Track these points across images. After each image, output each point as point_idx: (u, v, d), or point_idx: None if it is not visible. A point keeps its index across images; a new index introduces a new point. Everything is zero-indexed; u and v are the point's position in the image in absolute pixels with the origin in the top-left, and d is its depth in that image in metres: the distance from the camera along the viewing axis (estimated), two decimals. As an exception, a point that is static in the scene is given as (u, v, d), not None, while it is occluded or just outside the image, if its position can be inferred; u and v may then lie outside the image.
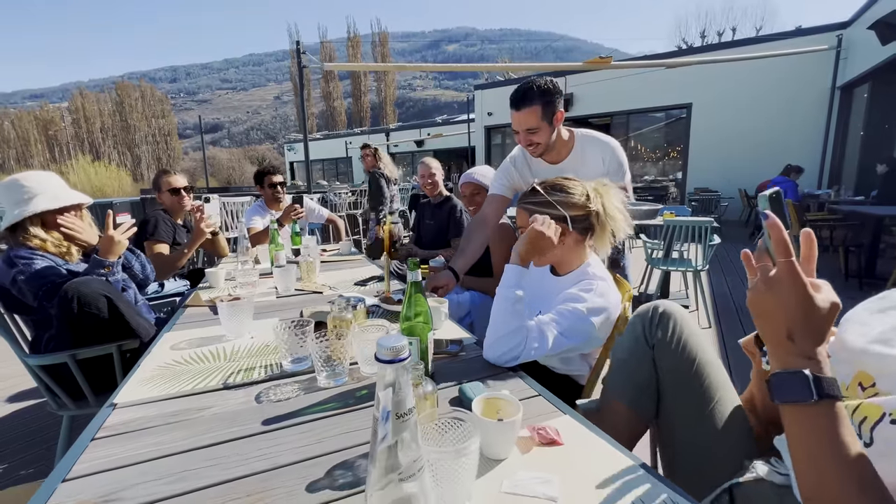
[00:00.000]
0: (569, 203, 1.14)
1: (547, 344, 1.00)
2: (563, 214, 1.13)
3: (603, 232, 1.16)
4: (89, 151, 43.05)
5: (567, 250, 1.18)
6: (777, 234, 0.54)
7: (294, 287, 1.74)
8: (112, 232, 1.55)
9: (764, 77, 9.68)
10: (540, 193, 1.17)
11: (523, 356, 0.98)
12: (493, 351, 1.00)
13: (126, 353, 1.50)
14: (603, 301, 1.08)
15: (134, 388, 0.92)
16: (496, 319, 1.03)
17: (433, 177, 2.80)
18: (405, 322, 0.90)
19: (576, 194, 1.15)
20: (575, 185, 1.18)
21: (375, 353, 0.45)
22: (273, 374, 0.97)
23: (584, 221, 1.16)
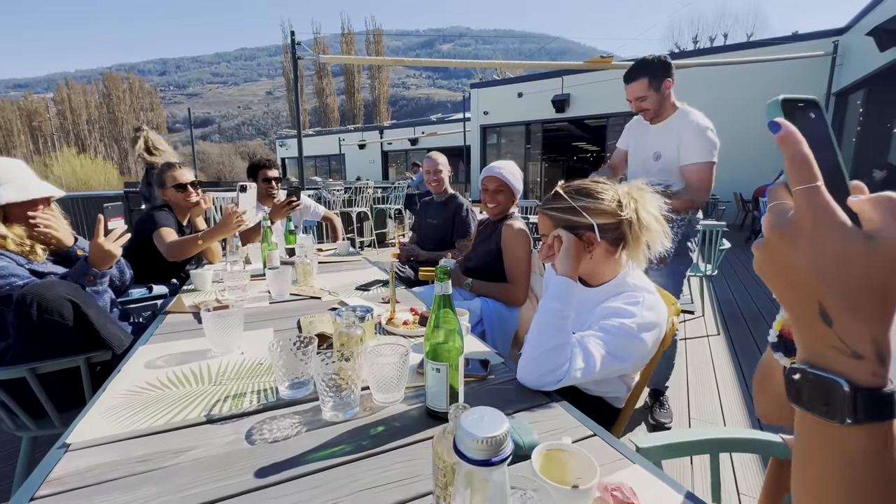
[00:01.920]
0: (597, 210, 0.98)
1: (594, 365, 0.86)
2: (589, 223, 0.98)
3: (637, 244, 0.99)
4: (74, 143, 42.03)
5: (596, 263, 1.02)
6: (792, 148, 0.32)
7: (289, 292, 1.57)
8: (102, 239, 1.35)
9: (760, 82, 9.71)
10: (563, 198, 1.01)
11: (566, 379, 0.83)
12: (531, 372, 0.85)
13: (96, 367, 1.32)
14: (653, 315, 0.93)
15: (95, 422, 0.74)
16: (536, 335, 0.88)
17: (439, 173, 2.64)
18: (431, 342, 0.74)
19: (605, 199, 0.99)
20: (605, 188, 1.02)
21: (457, 443, 0.29)
22: (267, 403, 0.81)
23: (614, 231, 0.99)
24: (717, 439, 0.82)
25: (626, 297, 0.96)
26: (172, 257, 1.94)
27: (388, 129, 21.56)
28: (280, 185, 2.81)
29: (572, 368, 0.84)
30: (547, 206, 1.04)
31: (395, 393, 0.80)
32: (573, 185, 1.04)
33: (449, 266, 1.86)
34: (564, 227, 0.99)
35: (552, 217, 1.02)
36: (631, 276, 1.02)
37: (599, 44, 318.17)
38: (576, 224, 0.98)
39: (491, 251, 1.85)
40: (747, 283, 4.63)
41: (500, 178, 1.84)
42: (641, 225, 0.97)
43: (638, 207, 0.98)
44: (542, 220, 1.05)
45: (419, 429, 0.72)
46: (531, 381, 0.85)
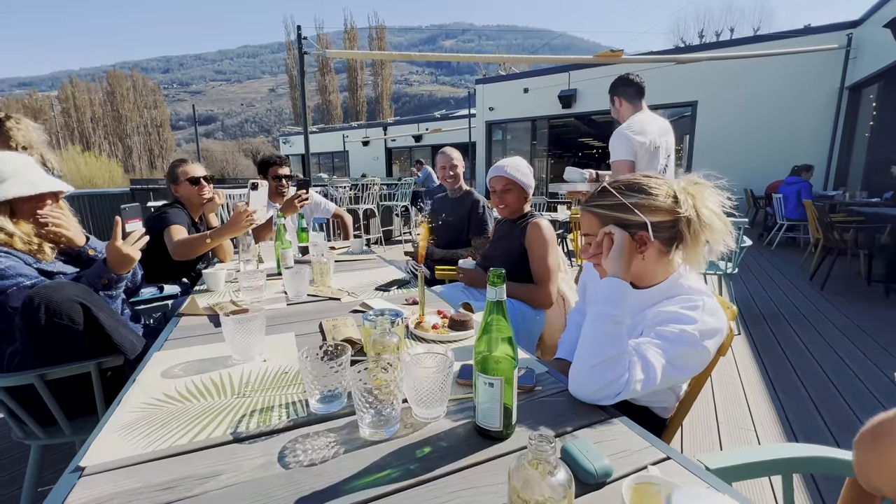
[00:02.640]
0: (651, 207, 0.90)
1: (655, 376, 0.78)
2: (642, 220, 0.90)
3: (695, 242, 0.90)
4: (79, 141, 42.13)
5: (647, 264, 0.94)
6: None
7: (307, 292, 1.50)
8: (120, 242, 1.28)
9: (771, 76, 9.55)
10: (612, 194, 0.93)
11: (626, 392, 0.76)
12: (587, 384, 0.77)
13: (107, 372, 1.25)
14: (715, 321, 0.85)
15: (110, 441, 0.68)
16: (590, 344, 0.80)
17: (455, 168, 2.56)
18: (482, 353, 0.66)
19: (659, 195, 0.91)
20: (658, 183, 0.94)
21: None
22: (298, 419, 0.74)
23: (670, 229, 0.91)
24: (791, 458, 0.74)
25: (683, 300, 0.88)
26: (179, 256, 1.88)
27: (391, 125, 21.44)
28: (290, 182, 2.74)
29: (632, 380, 0.76)
30: (593, 203, 0.96)
31: (437, 408, 0.73)
32: (621, 180, 0.96)
33: (469, 266, 1.78)
34: (604, 225, 0.92)
35: (599, 215, 0.94)
36: (685, 278, 0.94)
37: (604, 39, 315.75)
38: (627, 222, 0.90)
39: (513, 250, 1.77)
40: (763, 281, 4.53)
41: (507, 176, 1.76)
42: (702, 223, 0.88)
43: (696, 203, 0.90)
44: (588, 219, 0.97)
45: (470, 450, 0.65)
46: (586, 395, 0.77)
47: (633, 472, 0.59)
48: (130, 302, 1.71)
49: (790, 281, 4.53)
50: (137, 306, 1.84)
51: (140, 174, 38.78)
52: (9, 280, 1.19)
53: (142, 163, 44.84)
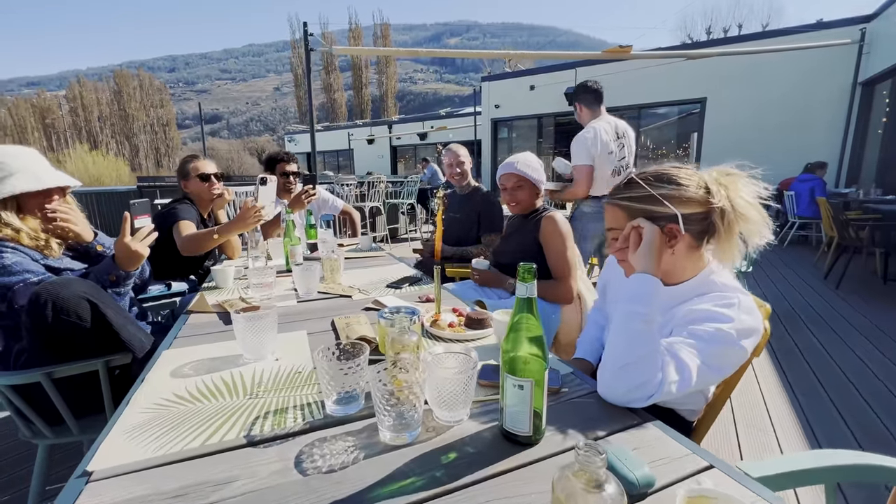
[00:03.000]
0: (682, 198, 0.85)
1: (690, 377, 0.74)
2: (672, 213, 0.85)
3: (729, 235, 0.85)
4: (87, 140, 42.47)
5: (676, 259, 0.89)
6: None
7: (317, 290, 1.47)
8: (128, 238, 1.25)
9: (782, 72, 9.41)
10: (639, 185, 0.89)
11: (659, 394, 0.71)
12: (617, 386, 0.73)
13: (115, 370, 1.23)
14: (752, 320, 0.80)
15: (118, 443, 0.64)
16: (621, 343, 0.76)
17: (462, 164, 2.52)
18: (510, 353, 0.62)
19: (690, 186, 0.86)
20: (688, 174, 0.89)
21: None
22: (314, 422, 0.70)
23: (701, 221, 0.86)
24: (839, 467, 0.70)
25: (717, 298, 0.84)
26: (187, 252, 1.85)
27: (396, 123, 21.42)
28: (298, 179, 2.71)
29: (666, 381, 0.72)
30: (619, 195, 0.92)
31: (461, 410, 0.69)
32: (648, 171, 0.91)
33: (483, 266, 1.74)
34: (631, 218, 0.88)
35: (626, 208, 0.90)
36: (717, 275, 0.89)
37: (609, 36, 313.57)
38: (655, 215, 0.86)
39: (527, 245, 1.73)
40: (775, 280, 4.45)
41: (517, 173, 1.71)
42: (737, 213, 0.84)
43: (730, 194, 0.85)
44: (613, 212, 0.93)
45: (498, 456, 0.61)
46: (617, 397, 0.73)
47: (676, 481, 0.55)
48: (139, 299, 1.69)
49: (804, 280, 4.45)
50: (145, 303, 1.81)
51: (147, 173, 39.04)
52: (15, 276, 1.17)
53: (148, 161, 45.15)
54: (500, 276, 1.77)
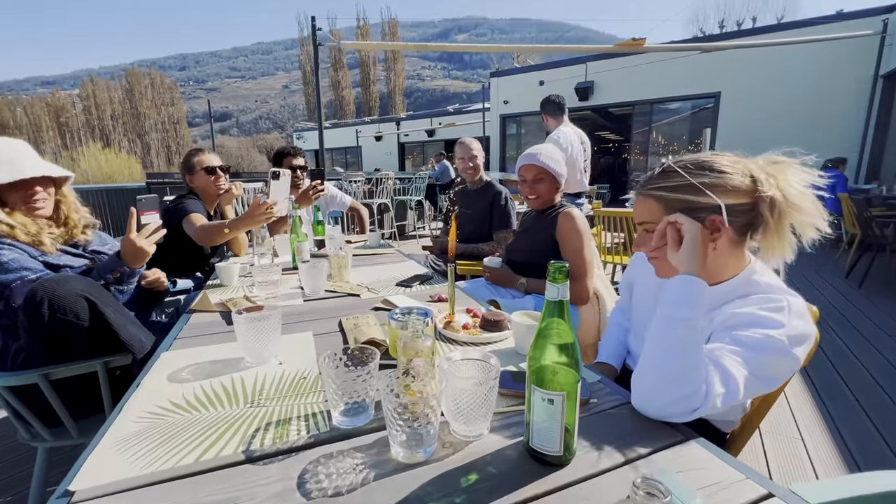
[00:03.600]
0: (725, 186, 0.77)
1: (737, 389, 0.66)
2: (715, 203, 0.76)
3: (780, 228, 0.77)
4: (100, 138, 43.04)
5: (717, 255, 0.80)
6: None
7: (324, 288, 1.41)
8: (134, 235, 1.20)
9: (799, 65, 9.15)
10: (677, 174, 0.80)
11: (704, 408, 0.64)
12: (657, 398, 0.66)
13: (115, 371, 1.18)
14: (805, 325, 0.72)
15: (106, 458, 0.59)
16: (661, 352, 0.69)
17: (475, 159, 2.44)
18: (538, 363, 0.56)
19: (735, 174, 0.78)
20: (731, 161, 0.80)
21: None
22: (319, 435, 0.64)
23: (747, 213, 0.78)
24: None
25: (763, 300, 0.76)
26: (201, 241, 1.83)
27: (404, 120, 21.36)
28: (305, 173, 2.66)
29: (711, 394, 0.64)
30: (653, 185, 0.83)
31: (480, 424, 0.63)
32: (686, 158, 0.83)
33: (495, 265, 1.67)
34: (681, 210, 0.79)
35: (662, 199, 0.81)
36: (759, 274, 0.81)
37: (619, 31, 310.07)
38: (696, 206, 0.77)
39: (542, 242, 1.65)
40: (796, 279, 4.31)
41: (539, 164, 1.63)
42: (789, 204, 0.75)
43: (780, 183, 0.76)
44: (647, 205, 0.84)
45: (524, 479, 0.54)
46: (656, 411, 0.66)
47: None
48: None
49: (825, 279, 4.31)
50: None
51: (158, 171, 39.53)
52: (13, 274, 1.12)
53: (159, 159, 45.67)
54: (512, 274, 1.70)
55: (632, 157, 12.66)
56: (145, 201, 1.25)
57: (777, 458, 1.71)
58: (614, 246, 3.66)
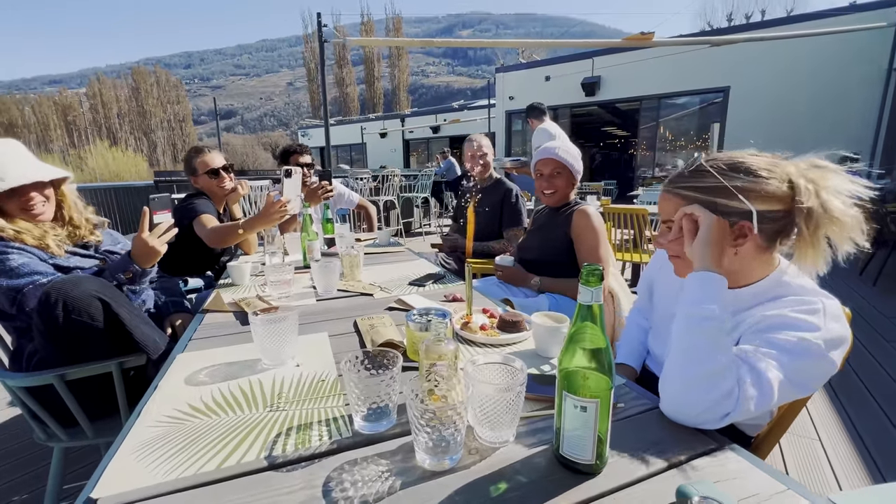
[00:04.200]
0: (760, 192, 0.73)
1: (771, 392, 0.64)
2: (747, 209, 0.73)
3: (815, 239, 0.72)
4: (107, 137, 43.37)
5: (740, 260, 0.78)
6: None
7: (336, 287, 1.40)
8: (146, 234, 1.19)
9: (810, 58, 9.01)
10: (710, 175, 0.76)
11: (737, 413, 0.62)
12: (687, 404, 0.64)
13: (129, 371, 1.18)
14: (841, 328, 0.70)
15: (127, 465, 0.58)
16: (686, 354, 0.67)
17: (485, 156, 2.41)
18: (569, 368, 0.54)
19: (772, 179, 0.73)
20: (770, 164, 0.75)
21: None
22: (342, 440, 0.62)
23: (779, 221, 0.75)
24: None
25: (795, 302, 0.73)
26: (213, 243, 1.81)
27: (409, 117, 21.30)
28: (312, 171, 2.65)
29: (743, 398, 0.62)
30: (682, 183, 0.80)
31: (507, 430, 0.61)
32: (721, 157, 0.79)
33: (507, 263, 1.65)
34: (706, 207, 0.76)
35: (691, 199, 0.78)
36: (791, 276, 0.79)
37: (625, 26, 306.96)
38: (726, 210, 0.75)
39: (555, 240, 1.63)
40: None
41: (558, 159, 1.60)
42: (830, 217, 0.70)
43: (821, 192, 0.71)
44: (673, 203, 0.81)
45: (555, 488, 0.52)
46: (687, 416, 0.64)
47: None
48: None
49: (839, 277, 4.23)
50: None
51: (164, 168, 39.73)
52: (24, 278, 1.12)
53: (166, 157, 45.96)
54: (525, 273, 1.67)
55: (639, 152, 12.55)
56: (158, 200, 1.24)
57: (795, 460, 1.68)
58: (623, 243, 3.63)
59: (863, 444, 1.75)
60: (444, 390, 0.61)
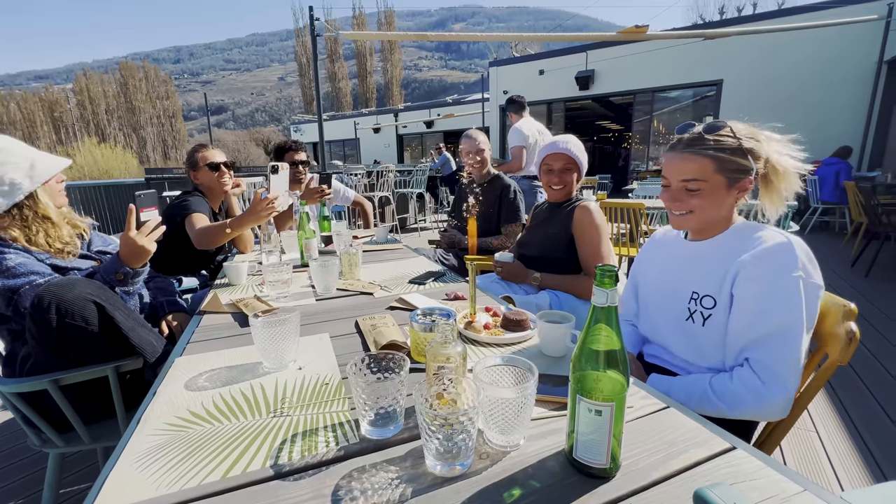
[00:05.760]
0: (756, 153, 0.94)
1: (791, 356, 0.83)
2: (752, 167, 0.93)
3: (778, 188, 0.96)
4: (95, 133, 42.67)
5: (731, 208, 0.98)
6: None
7: (336, 286, 1.38)
8: (134, 233, 1.15)
9: (802, 51, 9.04)
10: (730, 137, 0.93)
11: (772, 393, 0.81)
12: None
13: (126, 375, 1.15)
14: (791, 239, 0.86)
15: (129, 475, 0.56)
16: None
17: (482, 153, 2.39)
18: (582, 371, 0.53)
19: (763, 142, 0.95)
20: (754, 132, 0.96)
21: None
22: (349, 447, 0.61)
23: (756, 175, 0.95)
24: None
25: (758, 241, 0.89)
26: (201, 245, 1.77)
27: (402, 111, 21.15)
28: (307, 168, 2.61)
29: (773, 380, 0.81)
30: (703, 145, 0.93)
31: (517, 433, 0.60)
32: (733, 124, 0.95)
33: (506, 260, 1.64)
34: (729, 171, 0.91)
35: (716, 158, 0.91)
36: (745, 222, 0.97)
37: (618, 19, 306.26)
38: (741, 168, 0.92)
39: (556, 237, 1.62)
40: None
41: (569, 154, 1.59)
42: (786, 171, 0.94)
43: (780, 154, 0.94)
44: (696, 162, 0.93)
45: (569, 493, 0.51)
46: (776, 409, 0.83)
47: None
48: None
49: (831, 268, 4.29)
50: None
51: (154, 165, 39.21)
52: (21, 279, 1.09)
53: (156, 154, 45.33)
54: (525, 270, 1.66)
55: (633, 146, 12.57)
56: (144, 197, 1.20)
57: (792, 450, 1.70)
58: (620, 237, 3.63)
59: (859, 435, 1.77)
60: (454, 394, 0.59)
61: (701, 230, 0.99)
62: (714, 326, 0.90)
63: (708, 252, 0.96)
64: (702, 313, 0.92)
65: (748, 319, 0.84)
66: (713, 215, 0.95)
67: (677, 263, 1.02)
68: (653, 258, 1.13)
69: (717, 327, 0.89)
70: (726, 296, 0.88)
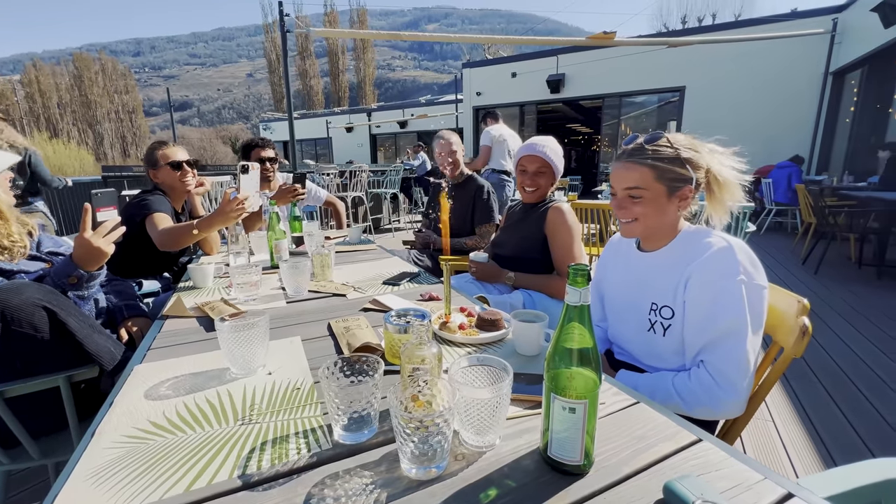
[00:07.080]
0: (696, 164, 0.96)
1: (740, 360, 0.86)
2: (691, 176, 0.94)
3: (721, 197, 0.98)
4: (46, 128, 40.12)
5: (677, 217, 1.00)
6: None
7: (307, 288, 1.35)
8: (89, 234, 1.08)
9: (758, 61, 9.56)
10: (668, 147, 0.95)
11: (725, 394, 0.82)
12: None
13: (80, 384, 1.08)
14: (744, 255, 0.90)
15: (82, 493, 0.52)
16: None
17: (454, 154, 2.40)
18: (556, 369, 0.53)
19: (702, 153, 0.97)
20: (695, 144, 0.99)
21: None
22: (321, 453, 0.59)
23: (698, 185, 0.97)
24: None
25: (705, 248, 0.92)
26: (165, 247, 1.68)
27: (375, 111, 20.95)
28: (276, 165, 2.54)
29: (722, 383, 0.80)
30: (641, 156, 0.94)
31: (492, 433, 0.60)
32: (672, 135, 0.98)
33: (481, 260, 1.65)
34: (667, 180, 0.93)
35: (655, 168, 0.93)
36: (692, 229, 0.99)
37: (586, 24, 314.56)
38: (680, 177, 0.94)
39: (531, 238, 1.64)
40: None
41: (544, 157, 1.61)
42: (727, 181, 0.96)
43: (722, 165, 0.96)
44: (637, 171, 0.95)
45: (544, 491, 0.52)
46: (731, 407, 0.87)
47: (758, 517, 0.47)
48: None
49: (784, 266, 4.54)
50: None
51: (113, 163, 37.22)
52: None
53: (114, 151, 43.09)
54: (499, 269, 1.68)
55: (601, 149, 12.93)
56: (101, 196, 1.13)
57: (751, 440, 1.78)
58: (590, 237, 3.72)
59: (811, 424, 1.88)
60: (429, 396, 0.59)
61: (648, 237, 1.03)
62: (674, 335, 0.93)
63: (660, 262, 1.00)
64: (662, 324, 0.95)
65: (699, 324, 0.88)
66: (656, 222, 0.98)
67: (634, 275, 1.05)
68: (614, 267, 1.16)
69: (677, 335, 0.93)
70: (681, 304, 0.92)
